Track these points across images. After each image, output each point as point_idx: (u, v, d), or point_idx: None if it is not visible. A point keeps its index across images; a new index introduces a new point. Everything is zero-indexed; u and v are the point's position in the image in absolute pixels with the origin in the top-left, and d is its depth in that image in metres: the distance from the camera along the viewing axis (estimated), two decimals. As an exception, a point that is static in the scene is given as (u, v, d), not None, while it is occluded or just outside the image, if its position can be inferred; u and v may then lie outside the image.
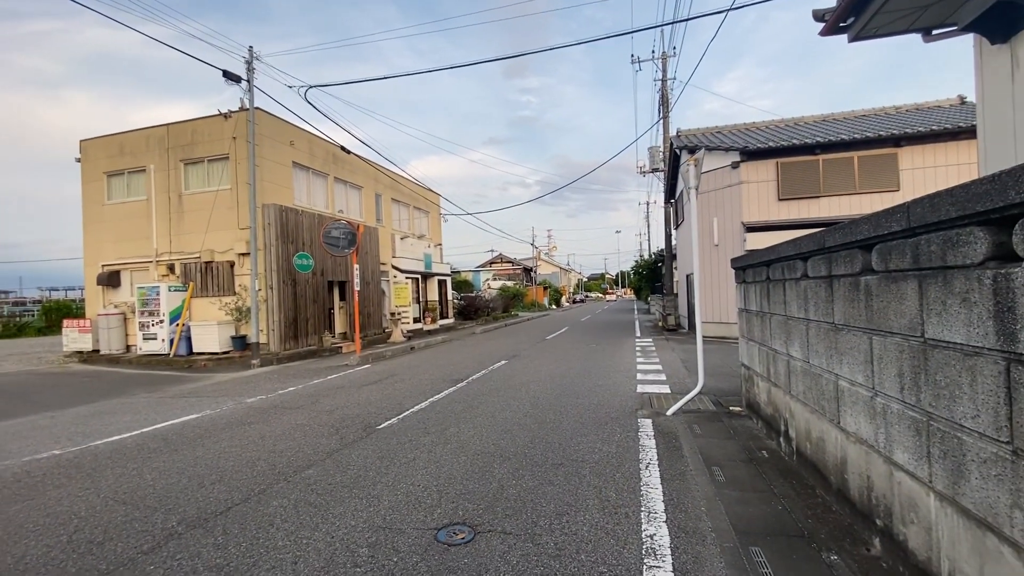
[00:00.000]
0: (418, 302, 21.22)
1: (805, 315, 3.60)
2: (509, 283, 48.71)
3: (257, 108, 12.49)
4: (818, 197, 12.97)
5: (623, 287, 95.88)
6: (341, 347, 14.25)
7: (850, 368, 2.89)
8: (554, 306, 51.95)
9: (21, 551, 3.01)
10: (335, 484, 3.94)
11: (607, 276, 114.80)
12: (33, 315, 32.16)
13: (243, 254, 12.96)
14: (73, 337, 14.27)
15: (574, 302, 65.06)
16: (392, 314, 18.16)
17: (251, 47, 12.27)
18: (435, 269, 22.78)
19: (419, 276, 21.43)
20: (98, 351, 13.93)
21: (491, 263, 62.42)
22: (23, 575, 2.73)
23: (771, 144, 13.17)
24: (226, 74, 11.80)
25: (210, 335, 12.71)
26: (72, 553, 2.96)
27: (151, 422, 6.40)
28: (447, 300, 24.84)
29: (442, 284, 24.06)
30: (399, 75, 13.57)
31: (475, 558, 2.75)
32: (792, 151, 13.05)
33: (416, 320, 20.46)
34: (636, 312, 34.43)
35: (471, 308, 27.66)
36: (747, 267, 5.20)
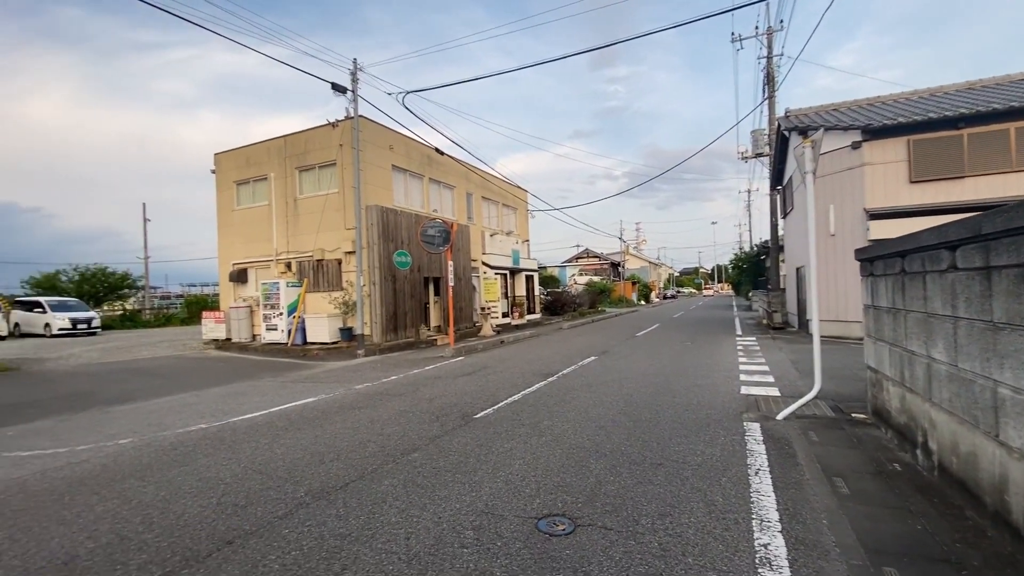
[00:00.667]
0: (506, 297, 21.63)
1: (952, 312, 3.16)
2: (596, 278, 48.00)
3: (360, 116, 13.41)
4: (961, 178, 11.29)
5: (720, 282, 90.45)
6: (436, 339, 14.94)
7: (1014, 373, 2.49)
8: (643, 302, 50.35)
9: (180, 509, 3.51)
10: (439, 468, 4.14)
11: (701, 270, 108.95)
12: (177, 307, 37.34)
13: (349, 252, 14.02)
14: (210, 327, 16.34)
15: (664, 298, 62.59)
16: (482, 309, 18.67)
17: (355, 59, 13.20)
18: (522, 265, 23.05)
19: (507, 272, 21.81)
20: (230, 339, 15.82)
21: (577, 258, 61.90)
22: (184, 530, 3.18)
23: (900, 120, 11.66)
24: (334, 86, 12.80)
25: (321, 327, 13.92)
26: (221, 514, 3.39)
27: (277, 403, 7.15)
28: (534, 295, 25.05)
29: (529, 279, 24.30)
30: (489, 75, 13.91)
31: (577, 550, 2.75)
32: (927, 126, 11.46)
33: (504, 315, 20.87)
34: (735, 309, 32.35)
35: (557, 303, 27.65)
36: (876, 258, 4.67)
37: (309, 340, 14.13)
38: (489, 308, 18.67)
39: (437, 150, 17.19)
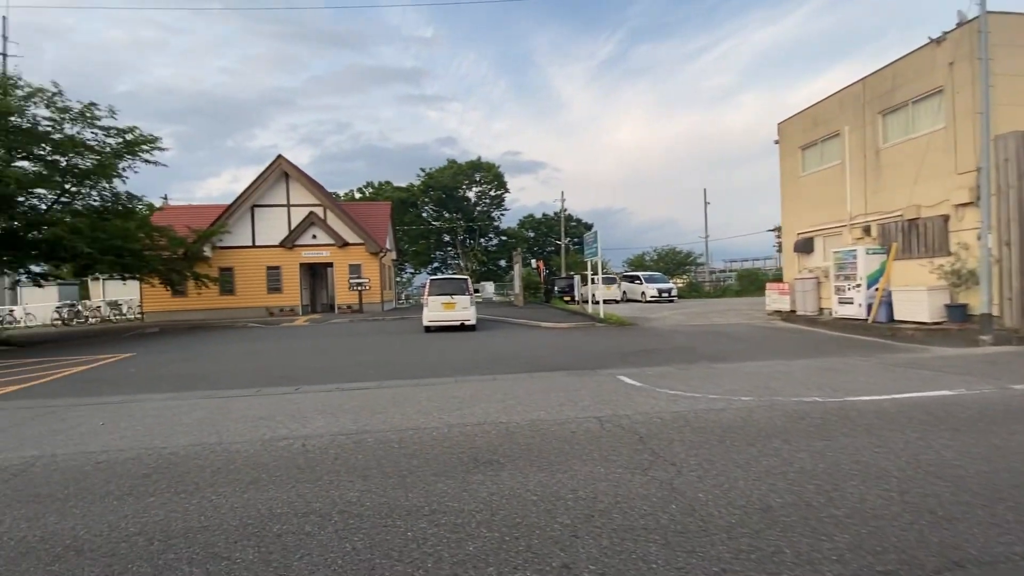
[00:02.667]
0: None
1: None
2: None
3: (989, 12, 9.58)
4: None
5: None
6: None
7: None
8: None
9: (857, 493, 3.04)
10: None
11: None
12: (730, 280, 40.85)
13: (963, 204, 10.49)
14: (773, 298, 16.42)
15: None
16: None
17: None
18: None
19: None
20: (794, 311, 15.34)
21: None
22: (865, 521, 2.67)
23: None
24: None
25: (917, 302, 11.15)
26: (897, 522, 2.69)
27: (893, 389, 5.91)
28: None
29: None
30: None
31: None
32: None
33: None
34: None
35: None
36: None
37: (897, 317, 11.65)
38: None
39: None
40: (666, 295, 28.17)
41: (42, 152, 14.44)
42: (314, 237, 24.20)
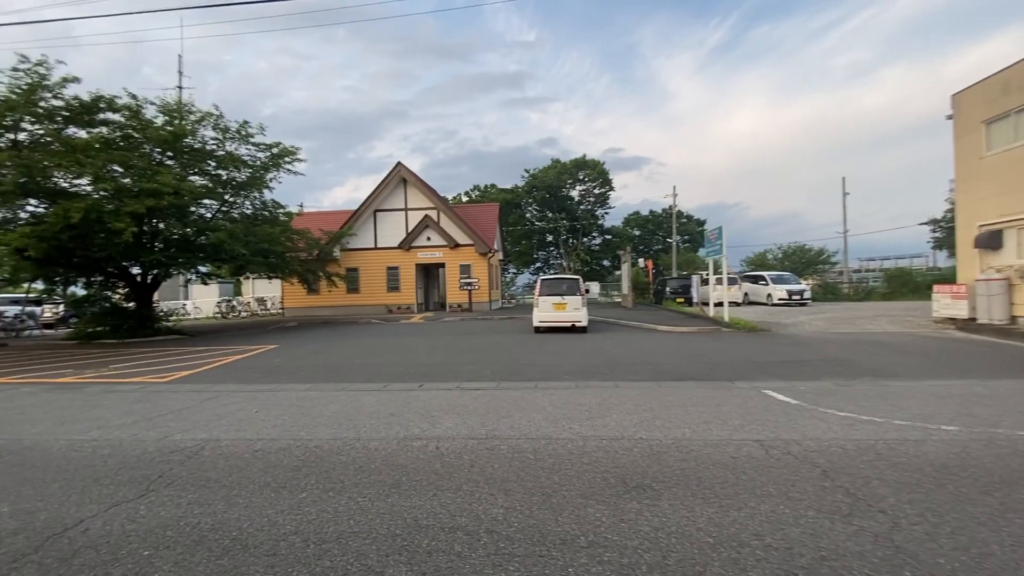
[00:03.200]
0: None
1: None
2: None
3: None
4: None
5: None
6: None
7: None
8: None
9: None
10: None
11: None
12: (874, 282, 35.69)
13: None
14: (944, 303, 13.83)
15: None
16: None
17: None
18: None
19: None
20: (973, 319, 12.76)
21: None
22: None
23: None
24: None
25: None
26: None
27: None
28: None
29: None
30: None
31: None
32: None
33: None
34: None
35: None
36: None
37: None
38: None
39: None
40: (797, 298, 25.28)
41: (208, 167, 16.64)
42: (428, 239, 25.35)
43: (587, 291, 14.10)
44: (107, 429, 5.17)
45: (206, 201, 17.14)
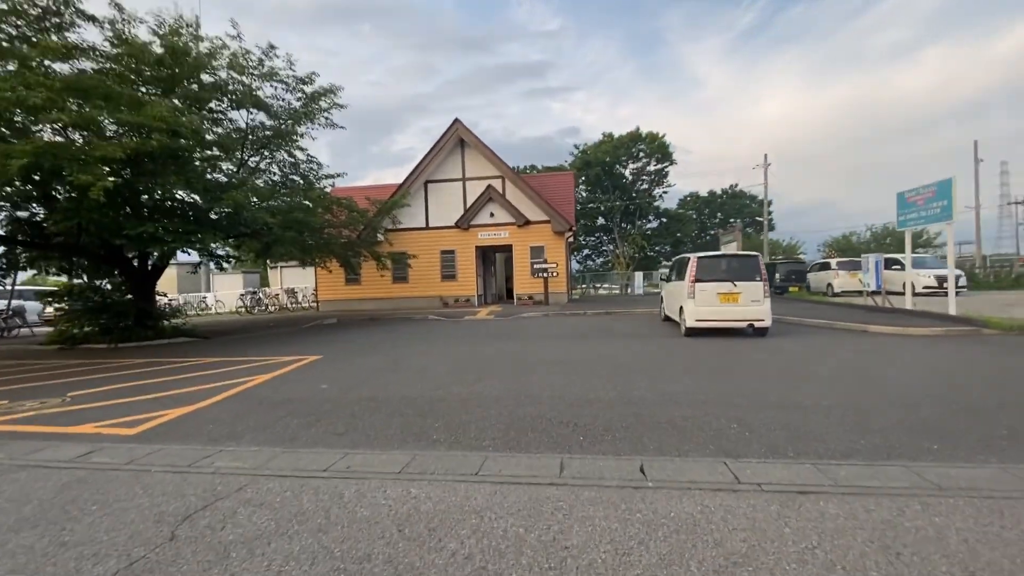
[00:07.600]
0: None
1: None
2: None
3: None
4: None
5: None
6: None
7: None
8: None
9: None
10: None
11: None
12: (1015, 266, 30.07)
13: None
14: None
15: None
16: None
17: None
18: None
19: None
20: None
21: None
22: None
23: None
24: None
25: None
26: None
27: None
28: None
29: None
30: None
31: None
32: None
33: None
34: None
35: None
36: None
37: None
38: None
39: None
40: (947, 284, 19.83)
41: (220, 110, 12.35)
42: (491, 215, 20.72)
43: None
44: None
45: (220, 164, 12.89)
